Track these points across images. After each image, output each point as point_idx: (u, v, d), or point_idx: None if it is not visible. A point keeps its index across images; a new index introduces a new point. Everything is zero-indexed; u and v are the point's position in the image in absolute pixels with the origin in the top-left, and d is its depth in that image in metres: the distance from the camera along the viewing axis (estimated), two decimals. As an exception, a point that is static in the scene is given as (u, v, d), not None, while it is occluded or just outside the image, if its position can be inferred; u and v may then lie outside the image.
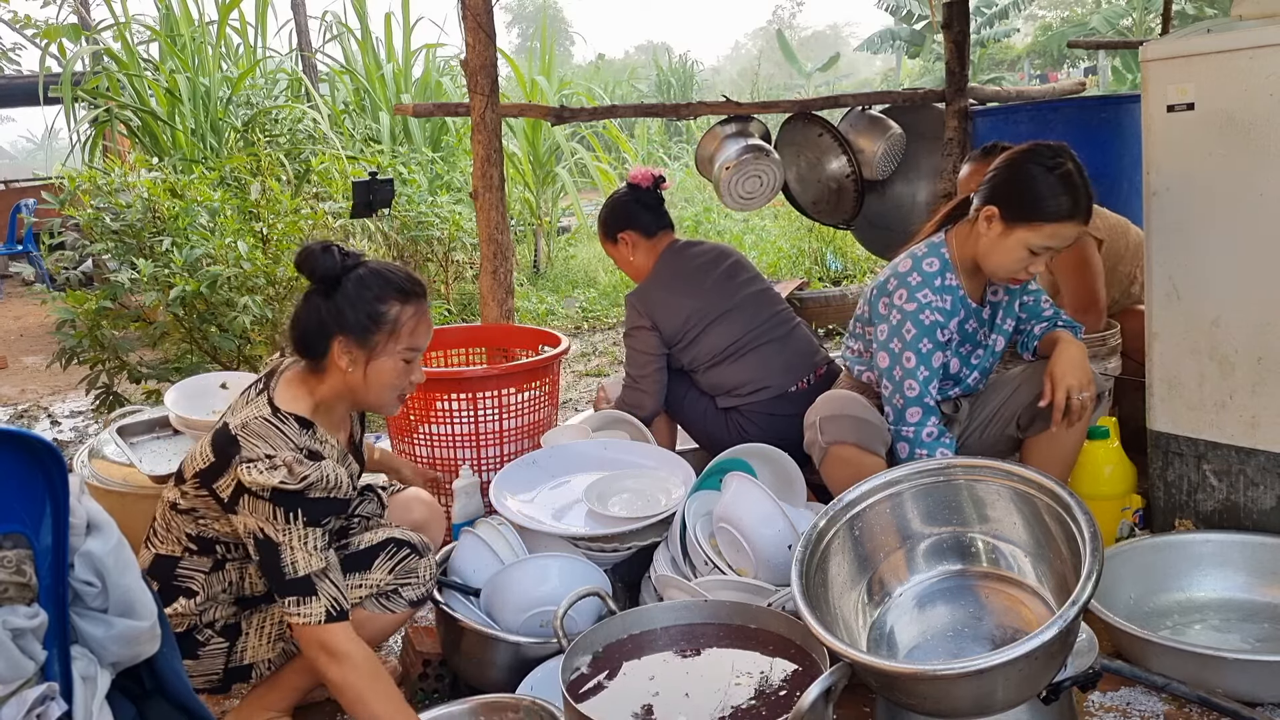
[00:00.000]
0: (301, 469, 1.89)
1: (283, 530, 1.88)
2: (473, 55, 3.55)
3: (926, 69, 21.72)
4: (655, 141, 14.50)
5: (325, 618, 1.87)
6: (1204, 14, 18.03)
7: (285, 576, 1.88)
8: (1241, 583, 2.39)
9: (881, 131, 4.56)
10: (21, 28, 8.69)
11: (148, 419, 3.30)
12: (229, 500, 1.93)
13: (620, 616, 1.98)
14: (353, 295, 1.98)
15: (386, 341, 1.99)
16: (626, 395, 3.09)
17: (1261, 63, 2.35)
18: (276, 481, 1.87)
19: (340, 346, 1.98)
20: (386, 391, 2.04)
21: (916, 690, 1.68)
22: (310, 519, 1.90)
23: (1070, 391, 2.37)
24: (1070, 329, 2.57)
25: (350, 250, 2.04)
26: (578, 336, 6.58)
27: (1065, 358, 2.42)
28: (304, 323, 2.02)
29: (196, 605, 2.04)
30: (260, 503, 1.89)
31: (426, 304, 2.07)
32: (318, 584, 1.88)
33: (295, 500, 1.89)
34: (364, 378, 2.00)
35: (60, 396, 5.67)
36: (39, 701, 1.22)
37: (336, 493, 1.96)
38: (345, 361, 1.99)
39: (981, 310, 2.58)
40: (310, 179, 6.57)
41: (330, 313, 1.98)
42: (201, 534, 2.04)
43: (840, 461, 2.47)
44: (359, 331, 1.98)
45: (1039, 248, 2.35)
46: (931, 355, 2.45)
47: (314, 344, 2.01)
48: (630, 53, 49.85)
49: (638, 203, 3.13)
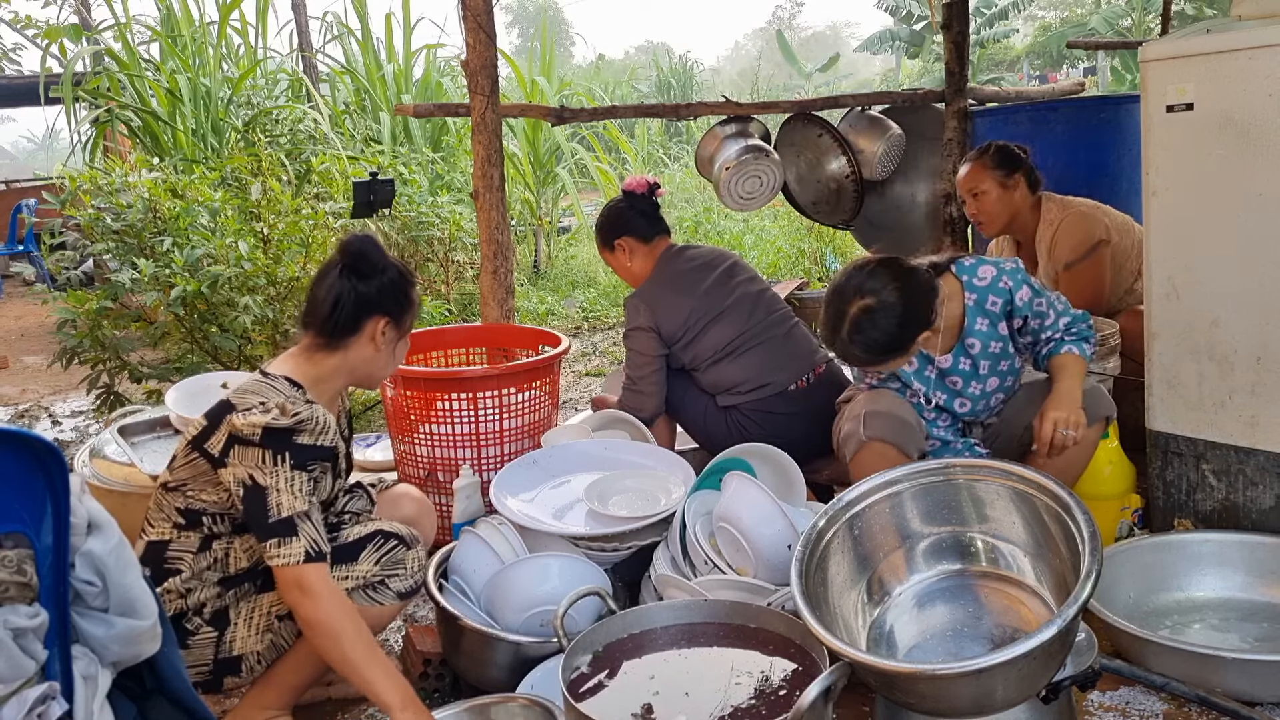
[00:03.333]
0: (293, 407, 1.98)
1: (271, 473, 1.94)
2: (473, 55, 3.55)
3: (926, 69, 21.71)
4: (655, 142, 14.49)
5: (304, 557, 1.91)
6: (1204, 14, 18.03)
7: (269, 518, 1.93)
8: (1240, 582, 2.39)
9: (881, 132, 4.56)
10: (22, 28, 8.69)
11: (148, 419, 3.31)
12: (220, 454, 1.99)
13: (620, 616, 1.98)
14: (395, 282, 2.16)
15: (410, 324, 2.22)
16: (627, 398, 3.09)
17: (1261, 63, 2.35)
18: (268, 420, 1.94)
19: (379, 326, 2.13)
20: (392, 366, 2.23)
21: (916, 690, 1.68)
22: (297, 462, 1.96)
23: (1056, 425, 2.37)
24: (1080, 341, 2.52)
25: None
26: (578, 336, 6.58)
27: (1057, 393, 2.44)
28: (343, 300, 2.12)
29: (182, 582, 2.06)
30: (250, 449, 1.95)
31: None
32: (299, 524, 1.93)
33: (285, 441, 1.96)
34: (392, 354, 2.19)
35: (61, 396, 5.68)
36: (40, 701, 1.23)
37: (324, 439, 2.01)
38: (379, 340, 2.14)
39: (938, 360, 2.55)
40: (311, 179, 6.56)
41: (373, 294, 2.13)
42: (189, 506, 2.07)
43: (877, 457, 2.44)
44: (399, 313, 2.17)
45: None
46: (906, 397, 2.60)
47: (350, 321, 2.13)
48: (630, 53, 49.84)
49: (634, 209, 3.16)
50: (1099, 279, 3.30)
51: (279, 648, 2.09)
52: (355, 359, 2.16)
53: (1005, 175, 3.36)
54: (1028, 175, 3.41)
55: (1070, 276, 3.30)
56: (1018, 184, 3.39)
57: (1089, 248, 3.29)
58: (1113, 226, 3.34)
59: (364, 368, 2.18)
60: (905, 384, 2.61)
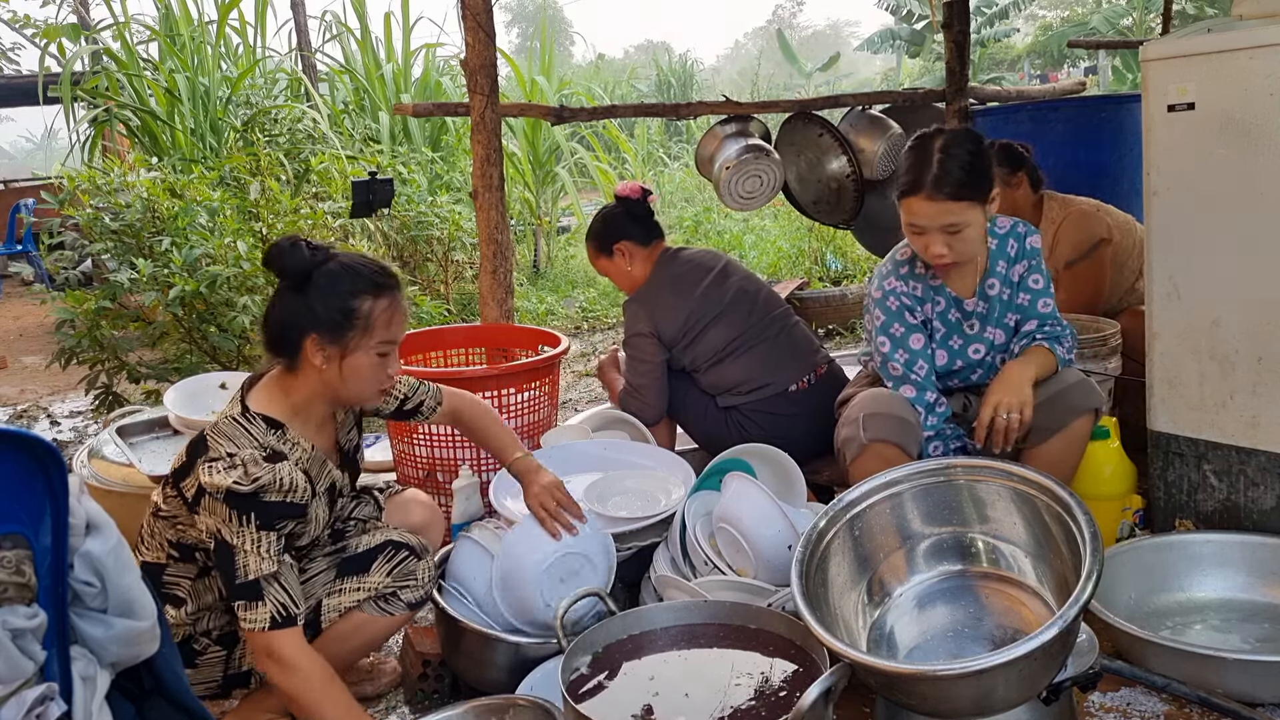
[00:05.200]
0: (256, 469, 1.87)
1: (237, 533, 1.87)
2: (472, 55, 3.55)
3: (926, 69, 21.70)
4: (655, 141, 14.49)
5: (270, 623, 1.85)
6: (1204, 14, 18.02)
7: (236, 580, 1.86)
8: (1241, 583, 2.39)
9: (881, 131, 4.56)
10: (21, 27, 8.69)
11: (147, 419, 3.30)
12: (192, 500, 1.93)
13: (620, 616, 1.98)
14: (324, 292, 1.94)
15: (360, 338, 1.96)
16: (629, 403, 3.10)
17: (1261, 63, 2.35)
18: (230, 482, 1.85)
19: (313, 345, 1.94)
20: (365, 386, 2.02)
21: (916, 690, 1.68)
22: (263, 522, 1.88)
23: (997, 410, 2.34)
24: (1053, 340, 2.50)
25: (319, 244, 2.01)
26: (577, 336, 6.57)
27: (1003, 376, 2.42)
28: (276, 321, 1.98)
29: (188, 615, 2.03)
30: (216, 504, 1.88)
31: (399, 295, 2.02)
32: (265, 588, 1.86)
33: (248, 503, 1.87)
34: (340, 375, 1.97)
35: (60, 396, 5.67)
36: (38, 702, 1.22)
37: (292, 496, 1.93)
38: (319, 360, 1.95)
39: (965, 302, 2.56)
40: (310, 179, 6.56)
41: (302, 310, 1.94)
42: (181, 540, 2.03)
43: (879, 459, 2.40)
44: (332, 329, 1.94)
45: (914, 225, 2.39)
46: (907, 338, 2.51)
47: (286, 343, 1.97)
48: (630, 52, 49.84)
49: (629, 214, 3.16)
50: (1100, 278, 3.30)
51: None
52: (316, 383, 1.99)
53: (1008, 174, 3.35)
54: (1030, 174, 3.41)
55: (1071, 276, 3.30)
56: (1020, 183, 3.39)
57: (1090, 247, 3.29)
58: (1114, 226, 3.34)
59: (334, 390, 2.00)
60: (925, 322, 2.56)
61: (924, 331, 2.55)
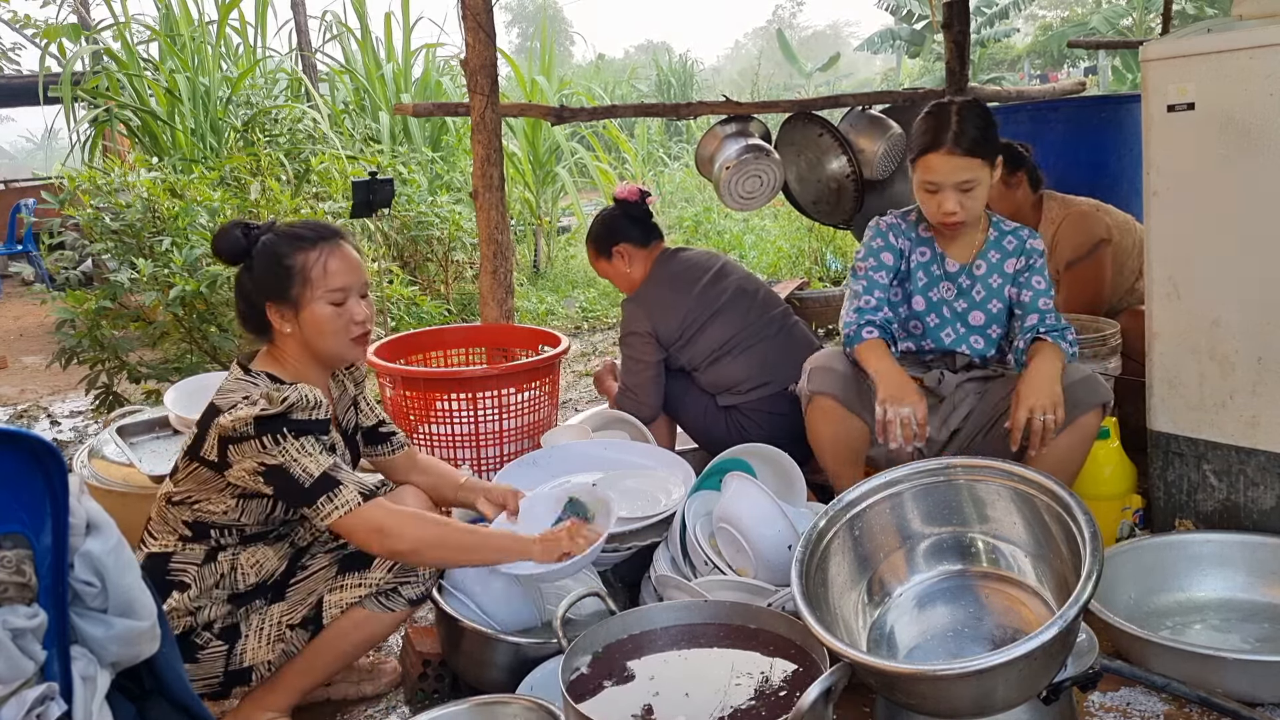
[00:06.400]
0: (279, 393, 1.96)
1: (280, 452, 1.94)
2: (473, 55, 3.55)
3: (926, 69, 21.70)
4: (655, 141, 14.49)
5: (361, 499, 1.94)
6: (1204, 14, 18.02)
7: (304, 485, 1.93)
8: (1241, 583, 2.39)
9: (881, 131, 4.56)
10: (21, 27, 8.70)
11: (147, 419, 3.30)
12: (218, 459, 1.98)
13: (620, 616, 1.97)
14: (264, 259, 2.07)
15: (305, 289, 2.05)
16: (624, 403, 3.10)
17: (1261, 63, 2.35)
18: (257, 411, 1.93)
19: (273, 311, 2.07)
20: (331, 338, 2.08)
21: (916, 690, 1.68)
22: (300, 431, 1.96)
23: (1033, 412, 2.32)
24: (1057, 335, 2.49)
25: (256, 224, 2.12)
26: (577, 336, 6.57)
27: (1033, 376, 2.38)
28: (239, 302, 2.13)
29: (190, 600, 2.04)
30: (247, 443, 1.94)
31: (338, 244, 2.09)
32: (337, 474, 1.95)
33: (279, 421, 1.95)
34: (304, 333, 2.07)
35: (60, 396, 5.67)
36: (39, 701, 1.22)
37: (316, 413, 2.00)
38: (281, 324, 2.07)
39: (948, 260, 2.63)
40: (310, 179, 6.56)
41: (253, 285, 2.08)
42: (199, 519, 2.06)
43: (820, 412, 2.55)
44: (279, 291, 2.05)
45: (928, 184, 2.48)
46: (876, 273, 2.63)
47: (254, 319, 2.10)
48: (630, 52, 49.82)
49: (627, 217, 3.17)
50: (1100, 278, 3.30)
51: (289, 655, 2.08)
52: (293, 348, 2.10)
53: (1007, 173, 3.36)
54: (1030, 173, 3.41)
55: (1071, 276, 3.30)
56: (1020, 182, 3.39)
57: (1090, 247, 3.29)
58: (1114, 226, 3.34)
59: (312, 349, 2.10)
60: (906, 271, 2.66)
61: (895, 274, 2.65)
